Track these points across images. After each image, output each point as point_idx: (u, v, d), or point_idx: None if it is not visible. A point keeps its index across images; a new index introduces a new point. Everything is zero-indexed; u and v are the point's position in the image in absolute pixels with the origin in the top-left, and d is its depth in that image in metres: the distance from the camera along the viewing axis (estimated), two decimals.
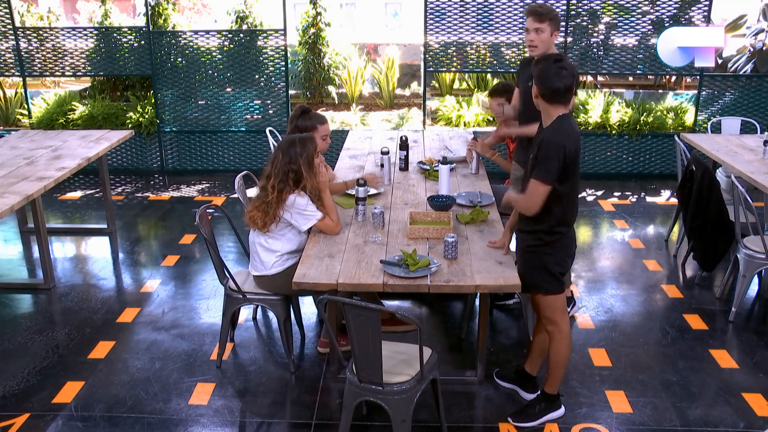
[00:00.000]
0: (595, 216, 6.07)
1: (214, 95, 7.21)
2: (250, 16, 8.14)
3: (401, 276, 3.02)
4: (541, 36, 3.63)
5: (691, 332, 4.09)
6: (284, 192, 3.37)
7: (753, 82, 6.97)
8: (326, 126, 4.07)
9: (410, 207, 3.92)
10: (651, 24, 6.73)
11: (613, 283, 4.75)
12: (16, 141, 5.50)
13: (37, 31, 7.24)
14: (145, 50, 7.03)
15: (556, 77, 2.78)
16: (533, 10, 3.66)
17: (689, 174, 4.58)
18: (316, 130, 3.96)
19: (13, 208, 4.02)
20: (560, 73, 2.78)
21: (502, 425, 3.25)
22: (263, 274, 3.52)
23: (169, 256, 5.21)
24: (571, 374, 3.62)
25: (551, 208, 2.93)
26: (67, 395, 3.48)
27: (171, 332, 4.11)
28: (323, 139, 4.02)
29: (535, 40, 3.65)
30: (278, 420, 3.32)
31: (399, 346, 3.03)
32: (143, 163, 7.45)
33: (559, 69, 2.78)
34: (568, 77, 2.79)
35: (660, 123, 7.15)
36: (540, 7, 3.65)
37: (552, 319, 3.11)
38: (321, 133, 3.99)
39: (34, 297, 4.63)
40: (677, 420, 3.29)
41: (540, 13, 3.62)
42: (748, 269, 4.17)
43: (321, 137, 3.98)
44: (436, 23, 6.82)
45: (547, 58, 2.88)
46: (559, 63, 2.80)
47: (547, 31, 3.62)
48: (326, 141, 4.07)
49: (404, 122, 8.68)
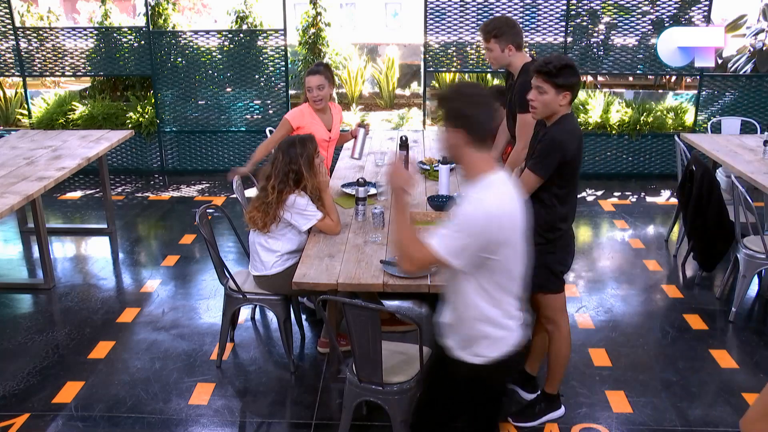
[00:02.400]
0: (595, 216, 6.06)
1: (214, 95, 7.21)
2: (250, 16, 8.13)
3: (401, 276, 3.02)
4: (491, 54, 3.61)
5: (691, 332, 4.09)
6: (284, 192, 3.37)
7: (753, 82, 6.97)
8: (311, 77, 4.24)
9: (410, 207, 3.91)
10: (651, 24, 6.73)
11: (613, 283, 4.75)
12: (16, 141, 5.50)
13: (37, 31, 7.24)
14: (145, 50, 7.03)
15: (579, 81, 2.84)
16: (480, 29, 3.66)
17: (689, 174, 4.58)
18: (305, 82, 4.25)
19: (13, 208, 4.02)
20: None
21: (502, 425, 3.24)
22: (263, 274, 3.52)
23: (169, 256, 5.21)
24: (571, 374, 3.62)
25: (552, 205, 2.94)
26: (67, 395, 3.48)
27: (171, 332, 4.11)
28: (309, 91, 4.26)
29: (489, 58, 3.66)
30: (278, 420, 3.32)
31: (399, 346, 3.03)
32: (143, 163, 7.45)
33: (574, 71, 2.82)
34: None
35: (660, 123, 7.15)
36: (486, 26, 3.59)
37: (552, 319, 3.12)
38: (306, 85, 4.24)
39: (34, 297, 4.63)
40: (677, 420, 3.29)
41: (484, 33, 3.58)
42: (748, 269, 4.17)
43: (307, 89, 4.25)
44: (436, 23, 6.82)
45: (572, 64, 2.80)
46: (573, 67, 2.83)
47: (495, 49, 3.56)
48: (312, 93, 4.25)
49: (404, 122, 8.69)
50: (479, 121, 2.09)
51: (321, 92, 4.23)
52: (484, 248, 2.02)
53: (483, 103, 2.11)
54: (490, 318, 2.14)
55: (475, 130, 2.08)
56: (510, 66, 3.66)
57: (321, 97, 4.25)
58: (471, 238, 2.00)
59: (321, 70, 4.25)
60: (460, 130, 2.07)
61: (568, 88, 2.78)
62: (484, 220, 2.00)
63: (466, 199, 2.07)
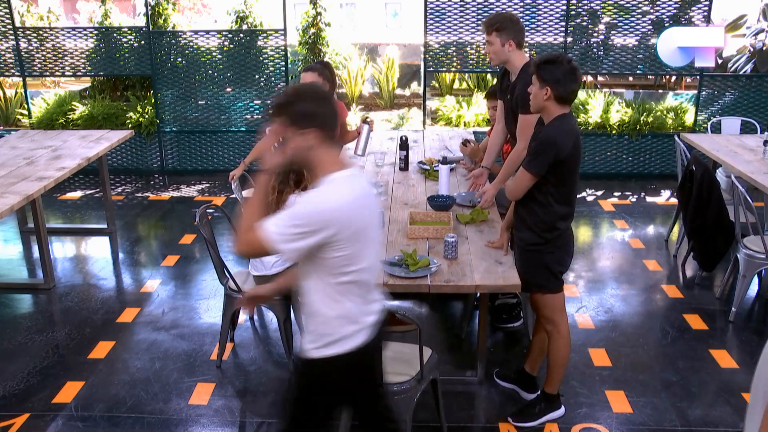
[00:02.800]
0: (595, 216, 6.06)
1: (214, 95, 7.21)
2: (250, 16, 8.13)
3: (401, 276, 3.02)
4: (491, 48, 3.60)
5: (691, 332, 4.09)
6: (284, 192, 3.37)
7: (753, 82, 6.97)
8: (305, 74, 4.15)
9: (410, 207, 3.92)
10: (651, 24, 6.73)
11: (613, 283, 4.75)
12: (16, 141, 5.50)
13: (37, 31, 7.24)
14: (145, 50, 7.03)
15: (572, 79, 2.81)
16: (483, 22, 3.66)
17: (689, 174, 4.58)
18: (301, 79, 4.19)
19: (13, 208, 4.02)
20: (576, 74, 2.82)
21: (502, 425, 3.25)
22: (263, 274, 3.52)
23: (169, 256, 5.21)
24: (571, 374, 3.62)
25: (549, 204, 2.94)
26: (67, 395, 3.48)
27: (171, 332, 4.11)
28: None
29: (489, 52, 3.65)
30: None
31: (399, 346, 3.03)
32: (143, 163, 7.45)
33: (573, 70, 2.81)
34: (580, 77, 2.86)
35: (660, 123, 7.15)
36: (489, 19, 3.61)
37: (551, 319, 3.12)
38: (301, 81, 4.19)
39: (34, 297, 4.62)
40: (677, 420, 3.29)
41: (486, 25, 3.59)
42: (748, 269, 4.17)
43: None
44: (436, 23, 6.82)
45: (560, 61, 2.83)
46: (571, 64, 2.82)
47: (496, 43, 3.56)
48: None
49: (404, 122, 8.69)
50: (329, 117, 2.09)
51: None
52: (320, 244, 2.00)
53: (328, 100, 2.13)
54: (327, 316, 2.13)
55: (327, 127, 2.07)
56: (508, 63, 3.65)
57: None
58: (305, 231, 1.97)
59: (317, 68, 4.20)
60: (312, 130, 2.04)
61: (548, 83, 2.80)
62: (319, 216, 1.97)
63: (307, 194, 2.05)
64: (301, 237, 1.97)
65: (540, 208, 2.96)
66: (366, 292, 2.18)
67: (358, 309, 2.16)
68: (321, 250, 2.02)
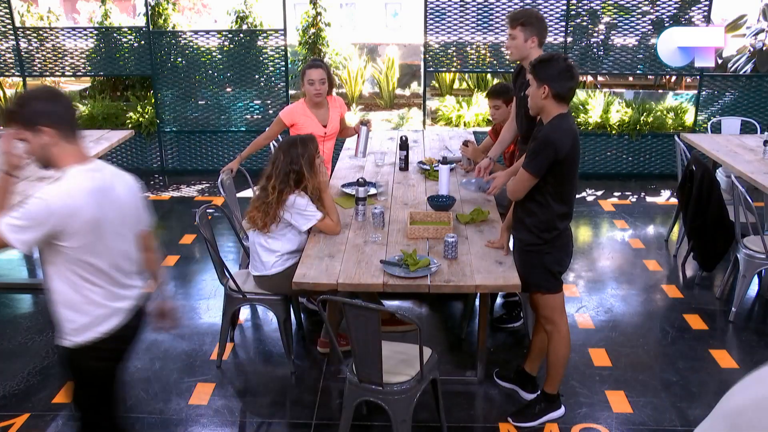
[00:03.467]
0: (595, 216, 6.07)
1: (214, 95, 7.21)
2: (250, 16, 8.14)
3: (401, 276, 3.02)
4: (513, 42, 3.58)
5: (691, 332, 4.09)
6: (285, 192, 3.37)
7: (753, 82, 6.97)
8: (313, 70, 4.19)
9: (410, 207, 3.92)
10: (651, 24, 6.73)
11: (613, 283, 4.75)
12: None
13: (37, 31, 7.24)
14: (145, 50, 7.03)
15: (569, 77, 2.82)
16: (508, 15, 3.65)
17: (689, 174, 4.58)
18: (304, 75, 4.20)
19: None
20: (572, 72, 2.83)
21: (502, 425, 3.25)
22: (263, 274, 3.52)
23: (169, 256, 5.21)
24: (571, 374, 3.62)
25: (547, 204, 2.94)
26: (67, 395, 3.48)
27: (171, 332, 4.11)
28: (309, 84, 4.20)
29: (510, 46, 3.63)
30: (278, 420, 3.32)
31: (399, 346, 3.03)
32: (143, 163, 7.45)
33: (569, 68, 2.82)
34: (576, 75, 2.87)
35: (660, 123, 7.15)
36: (515, 13, 3.60)
37: (550, 319, 3.12)
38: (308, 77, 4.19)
39: (34, 297, 4.62)
40: (677, 420, 3.29)
41: (511, 19, 3.57)
42: (748, 269, 4.17)
43: (308, 81, 4.19)
44: (436, 23, 6.82)
45: (556, 59, 2.84)
46: (567, 62, 2.83)
47: (519, 37, 3.54)
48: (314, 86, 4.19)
49: (404, 122, 8.69)
50: (62, 113, 2.16)
51: (323, 86, 4.22)
52: (49, 235, 2.08)
53: (59, 97, 2.19)
54: (71, 303, 2.22)
55: (62, 122, 2.14)
56: (526, 60, 3.59)
57: (322, 91, 4.23)
58: (30, 225, 2.05)
59: (323, 65, 4.25)
60: (46, 129, 2.12)
61: (545, 81, 2.82)
62: (46, 210, 2.05)
63: (40, 188, 2.12)
64: (27, 229, 2.05)
65: (538, 208, 2.97)
66: (112, 280, 2.25)
67: (105, 294, 2.24)
68: (56, 239, 2.10)
